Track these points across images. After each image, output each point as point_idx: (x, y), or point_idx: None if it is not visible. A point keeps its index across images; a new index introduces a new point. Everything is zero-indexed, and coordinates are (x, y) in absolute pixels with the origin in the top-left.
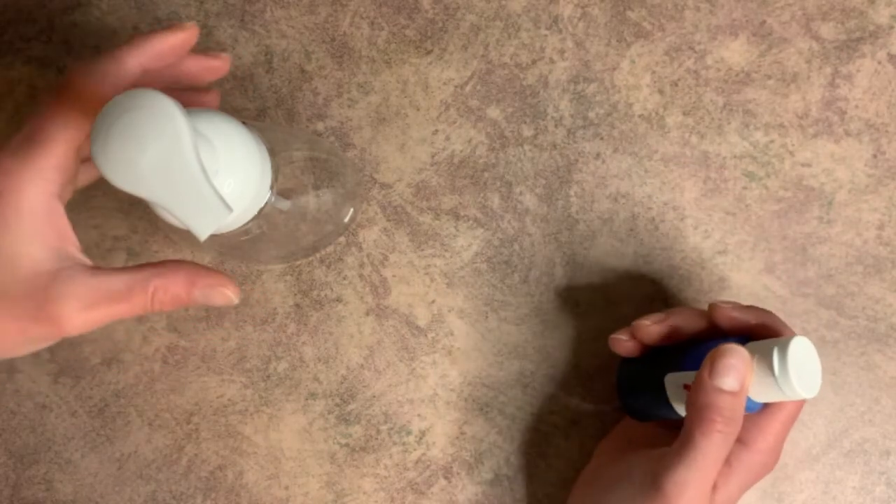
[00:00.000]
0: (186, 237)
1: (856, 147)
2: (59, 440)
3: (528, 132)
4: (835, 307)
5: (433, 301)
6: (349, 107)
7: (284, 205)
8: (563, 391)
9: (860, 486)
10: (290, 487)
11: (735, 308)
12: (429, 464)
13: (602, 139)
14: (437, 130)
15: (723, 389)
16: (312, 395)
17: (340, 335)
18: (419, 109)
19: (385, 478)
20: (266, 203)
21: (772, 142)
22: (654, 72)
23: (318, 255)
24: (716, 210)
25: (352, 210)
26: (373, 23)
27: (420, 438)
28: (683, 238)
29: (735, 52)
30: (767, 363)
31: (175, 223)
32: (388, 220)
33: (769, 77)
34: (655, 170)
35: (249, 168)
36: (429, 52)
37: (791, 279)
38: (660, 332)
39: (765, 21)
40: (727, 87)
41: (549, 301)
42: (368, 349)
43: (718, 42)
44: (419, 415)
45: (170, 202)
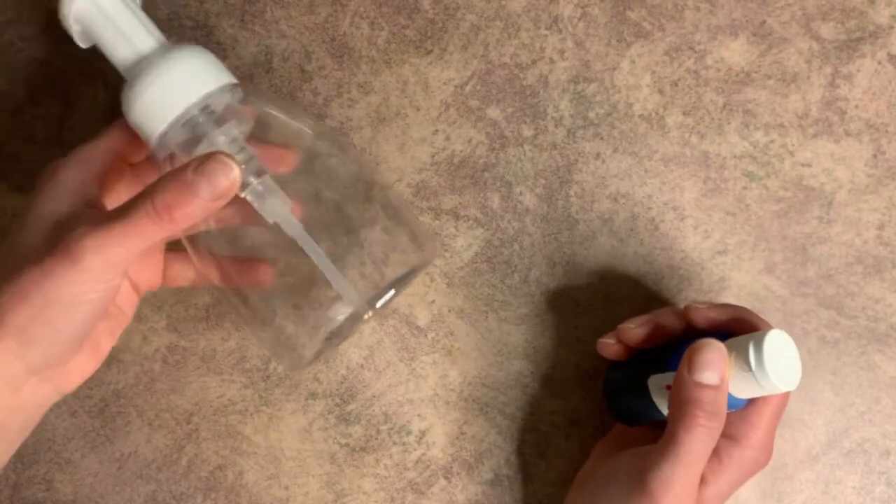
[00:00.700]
0: None
1: (856, 147)
2: (59, 440)
3: (528, 132)
4: (835, 307)
5: (433, 301)
6: (349, 107)
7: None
8: (563, 391)
9: (860, 486)
10: (290, 487)
11: (710, 308)
12: (429, 464)
13: (602, 139)
14: (437, 130)
15: (703, 384)
16: (312, 395)
17: None
18: (419, 109)
19: (385, 478)
20: None
21: (772, 142)
22: (654, 72)
23: None
24: (716, 210)
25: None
26: (373, 23)
27: (420, 438)
28: (683, 238)
29: (735, 52)
30: (744, 358)
31: None
32: (389, 220)
33: (769, 77)
34: (655, 170)
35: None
36: (429, 52)
37: (791, 279)
38: (643, 335)
39: (765, 21)
40: (727, 87)
41: (549, 301)
42: (368, 349)
43: (718, 42)
44: (419, 415)
45: None
